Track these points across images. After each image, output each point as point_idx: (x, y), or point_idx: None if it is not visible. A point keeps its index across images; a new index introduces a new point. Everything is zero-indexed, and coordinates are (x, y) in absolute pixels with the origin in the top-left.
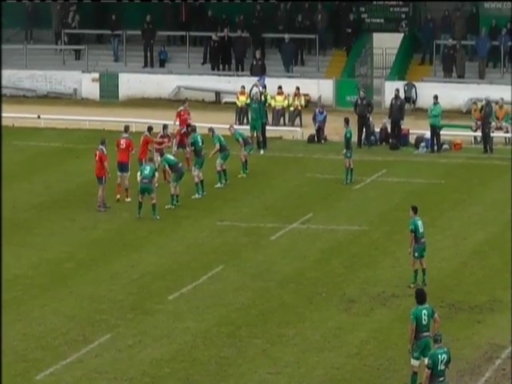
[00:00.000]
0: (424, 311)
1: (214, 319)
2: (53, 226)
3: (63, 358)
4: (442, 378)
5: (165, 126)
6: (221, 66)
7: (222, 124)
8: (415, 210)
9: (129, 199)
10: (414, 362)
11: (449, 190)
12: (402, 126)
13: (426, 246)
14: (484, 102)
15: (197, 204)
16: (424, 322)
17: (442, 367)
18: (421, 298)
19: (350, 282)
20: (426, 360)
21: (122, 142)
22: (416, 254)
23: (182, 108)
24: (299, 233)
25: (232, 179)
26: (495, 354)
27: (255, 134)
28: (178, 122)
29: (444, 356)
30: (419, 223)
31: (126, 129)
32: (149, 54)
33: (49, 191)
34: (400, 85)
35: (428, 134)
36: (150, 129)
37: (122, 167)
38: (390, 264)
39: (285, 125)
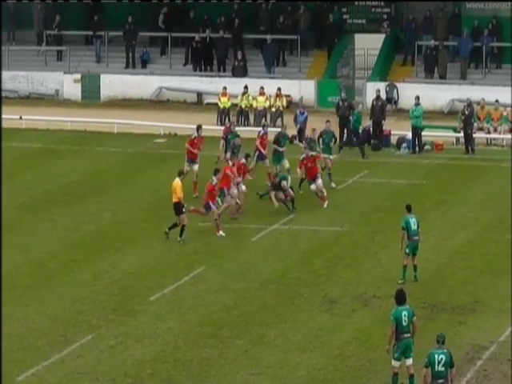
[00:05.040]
0: (404, 312)
1: (196, 320)
2: (34, 227)
3: (45, 358)
4: (441, 381)
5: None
6: (203, 67)
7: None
8: (409, 208)
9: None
10: (395, 363)
11: (430, 191)
12: (384, 127)
13: (419, 244)
14: (466, 102)
15: None
16: (404, 324)
17: (441, 368)
18: (400, 299)
19: (331, 283)
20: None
21: (196, 141)
22: (407, 251)
23: (195, 135)
24: (281, 234)
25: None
26: (477, 355)
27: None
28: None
29: (442, 357)
30: (412, 221)
31: (199, 128)
32: (130, 55)
33: (30, 192)
34: (382, 86)
35: (410, 135)
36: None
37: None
38: (372, 265)
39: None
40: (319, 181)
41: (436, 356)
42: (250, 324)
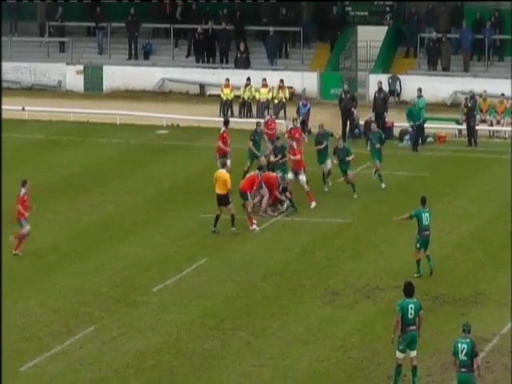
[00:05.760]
0: (411, 305)
1: (198, 311)
2: (37, 218)
3: (47, 349)
4: (464, 369)
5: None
6: (205, 59)
7: (206, 116)
8: (423, 201)
9: None
10: (399, 355)
11: (433, 183)
12: (386, 119)
13: (430, 240)
14: (469, 94)
15: (181, 197)
16: (410, 316)
17: (464, 357)
18: (408, 291)
19: (334, 275)
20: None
21: (225, 134)
22: (418, 245)
23: (223, 129)
24: (283, 225)
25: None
26: (479, 347)
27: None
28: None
29: (464, 346)
30: (424, 215)
31: (226, 122)
32: (133, 46)
33: (32, 183)
34: (384, 78)
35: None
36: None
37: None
38: (374, 257)
39: None
40: (301, 176)
41: (459, 345)
42: (252, 316)
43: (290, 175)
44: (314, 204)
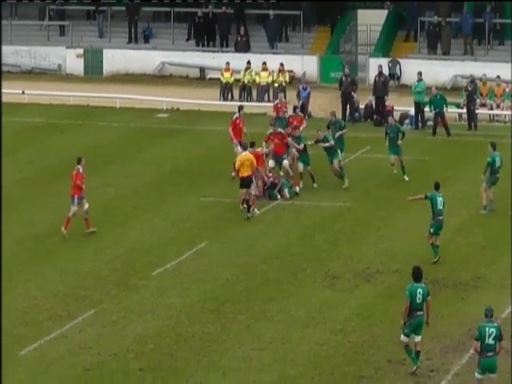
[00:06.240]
0: (419, 290)
1: (198, 295)
2: (37, 202)
3: (47, 333)
4: (491, 353)
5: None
6: (205, 43)
7: (206, 100)
8: (437, 185)
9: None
10: (404, 338)
11: (433, 167)
12: (387, 103)
13: (443, 224)
14: (469, 78)
15: (181, 180)
16: (418, 301)
17: (491, 341)
18: (417, 275)
19: (334, 259)
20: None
21: (239, 121)
22: (431, 230)
23: (237, 115)
24: (283, 209)
25: (217, 156)
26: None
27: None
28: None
29: (492, 330)
30: (439, 200)
31: (240, 108)
32: (133, 30)
33: (33, 166)
34: (384, 61)
35: (412, 111)
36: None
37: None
38: (375, 240)
39: (269, 101)
40: (285, 161)
41: (487, 329)
42: (252, 299)
43: (270, 162)
44: (297, 189)
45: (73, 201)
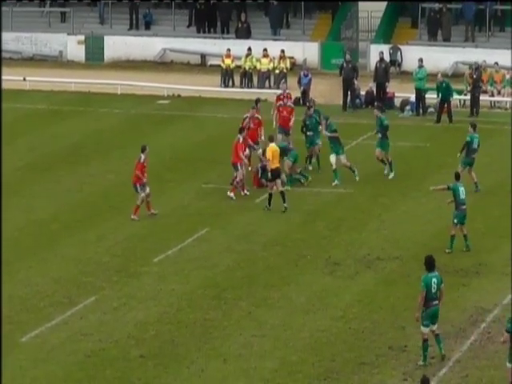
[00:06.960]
0: (434, 279)
1: (200, 281)
2: (38, 188)
3: (48, 319)
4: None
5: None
6: (206, 29)
7: (207, 86)
8: (457, 176)
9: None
10: (424, 330)
11: (434, 154)
12: (388, 89)
13: (467, 213)
14: (474, 65)
15: (182, 167)
16: (433, 290)
17: None
18: (430, 265)
19: (335, 245)
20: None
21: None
22: (455, 221)
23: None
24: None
25: (217, 143)
26: (480, 318)
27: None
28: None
29: None
30: (461, 189)
31: (258, 101)
32: (134, 16)
33: (34, 153)
34: (385, 48)
35: (413, 98)
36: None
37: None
38: (376, 227)
39: (270, 87)
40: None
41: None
42: (253, 286)
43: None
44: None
45: (136, 189)
